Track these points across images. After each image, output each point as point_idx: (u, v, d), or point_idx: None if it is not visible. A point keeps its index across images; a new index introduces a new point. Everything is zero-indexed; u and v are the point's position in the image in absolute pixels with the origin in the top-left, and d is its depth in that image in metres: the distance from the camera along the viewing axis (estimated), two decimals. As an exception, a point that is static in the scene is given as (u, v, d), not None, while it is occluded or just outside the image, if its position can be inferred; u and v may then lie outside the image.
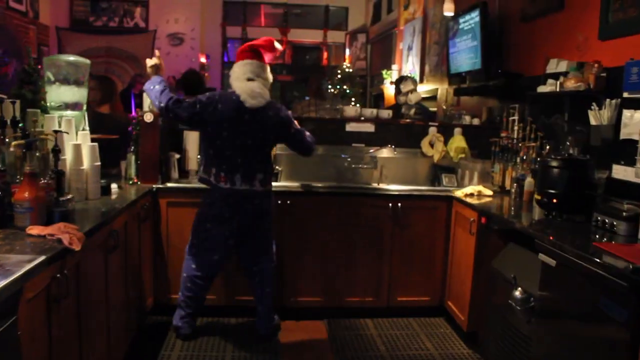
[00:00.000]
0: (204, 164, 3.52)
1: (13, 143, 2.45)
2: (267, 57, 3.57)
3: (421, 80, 7.53)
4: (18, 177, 2.49)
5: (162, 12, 11.16)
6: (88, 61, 3.45)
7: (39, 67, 3.27)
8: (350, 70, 9.75)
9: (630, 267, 2.15)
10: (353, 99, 8.60)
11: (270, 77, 3.54)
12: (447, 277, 4.12)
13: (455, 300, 3.98)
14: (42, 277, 1.88)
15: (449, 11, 5.77)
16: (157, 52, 3.66)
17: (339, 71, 9.37)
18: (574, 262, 2.47)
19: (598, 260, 2.31)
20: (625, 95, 2.90)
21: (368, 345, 3.71)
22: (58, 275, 2.02)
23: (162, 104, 3.37)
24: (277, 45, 3.66)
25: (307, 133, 3.68)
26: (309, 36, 12.37)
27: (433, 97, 6.99)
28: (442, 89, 6.67)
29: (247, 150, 3.41)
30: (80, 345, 2.34)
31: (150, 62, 3.55)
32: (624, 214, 2.83)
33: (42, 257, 1.87)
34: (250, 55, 3.48)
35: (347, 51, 11.92)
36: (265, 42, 3.58)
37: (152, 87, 3.45)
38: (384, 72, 8.68)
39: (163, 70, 3.59)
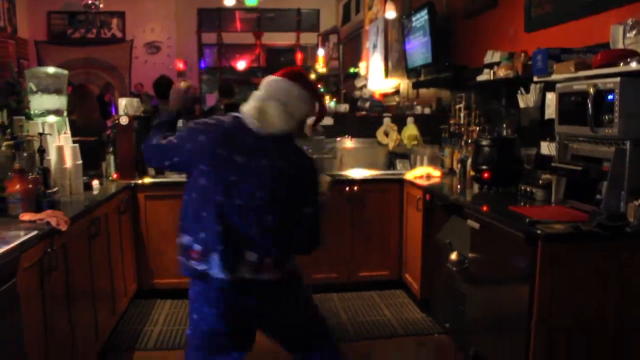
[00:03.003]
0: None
1: (4, 144, 2.84)
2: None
3: (385, 76, 7.95)
4: (9, 173, 2.87)
5: (138, 22, 11.51)
6: (66, 72, 3.84)
7: (21, 79, 3.65)
8: (324, 70, 10.17)
9: (527, 220, 2.58)
10: (327, 97, 9.02)
11: (303, 110, 2.30)
12: (402, 252, 4.55)
13: (410, 272, 4.41)
14: (35, 250, 2.28)
15: (390, 14, 6.22)
16: (183, 83, 2.64)
17: (312, 72, 9.79)
18: (491, 223, 2.91)
19: (506, 219, 2.75)
20: (535, 79, 3.33)
21: (331, 314, 4.12)
22: (49, 250, 2.42)
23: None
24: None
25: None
26: (282, 39, 12.76)
27: (397, 92, 7.42)
28: (404, 83, 7.10)
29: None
30: (69, 313, 2.73)
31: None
32: (540, 182, 3.28)
33: (35, 232, 2.27)
34: (289, 76, 2.33)
35: (321, 51, 12.33)
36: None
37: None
38: (351, 69, 9.10)
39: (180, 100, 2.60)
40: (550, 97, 3.60)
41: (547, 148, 3.65)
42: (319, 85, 9.59)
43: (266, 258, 2.20)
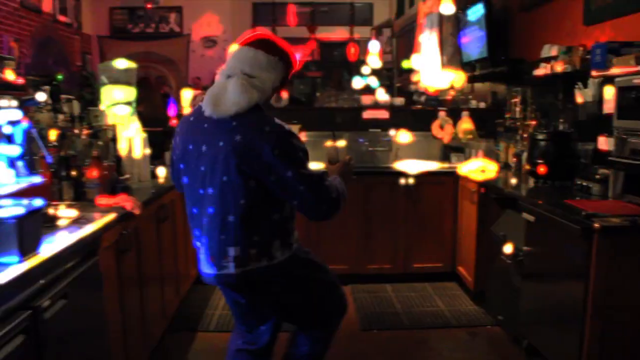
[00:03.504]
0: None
1: (84, 132, 3.04)
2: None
3: (440, 70, 7.94)
4: (87, 160, 3.07)
5: (195, 16, 11.79)
6: (135, 65, 4.04)
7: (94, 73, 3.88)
8: (379, 64, 10.19)
9: (583, 213, 2.60)
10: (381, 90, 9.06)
11: (271, 79, 2.17)
12: (456, 244, 4.60)
13: (463, 264, 4.45)
14: (113, 231, 2.46)
15: (446, 7, 6.19)
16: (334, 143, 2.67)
17: (365, 66, 9.83)
18: (546, 215, 2.94)
19: (562, 212, 2.78)
20: (593, 73, 3.32)
21: (386, 304, 4.22)
22: (124, 232, 2.60)
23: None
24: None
25: (332, 184, 2.25)
26: (336, 32, 12.84)
27: (452, 86, 7.41)
28: (458, 77, 7.09)
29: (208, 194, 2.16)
30: (141, 293, 2.92)
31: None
32: (597, 176, 3.28)
33: (114, 214, 2.46)
34: (254, 43, 2.18)
35: (375, 45, 12.33)
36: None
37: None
38: (404, 63, 9.11)
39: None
40: (609, 92, 3.58)
41: (604, 143, 3.63)
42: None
43: (250, 249, 2.13)
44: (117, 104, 3.87)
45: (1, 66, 2.22)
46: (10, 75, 2.22)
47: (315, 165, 2.29)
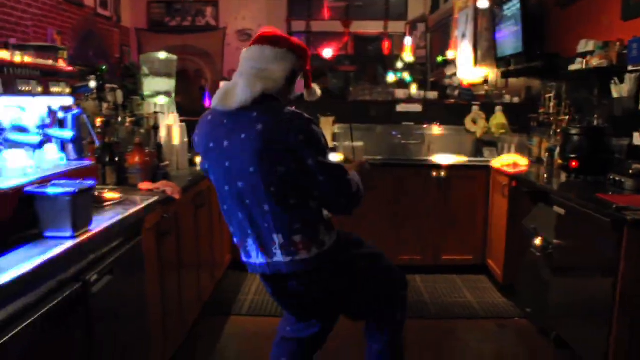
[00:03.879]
0: None
1: (128, 120, 3.17)
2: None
3: (474, 65, 7.93)
4: (129, 147, 3.20)
5: (231, 10, 11.94)
6: (175, 57, 4.17)
7: (138, 64, 4.02)
8: (412, 59, 10.23)
9: (614, 206, 2.62)
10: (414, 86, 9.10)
11: (281, 68, 2.18)
12: (487, 237, 4.63)
13: (493, 257, 4.49)
14: (155, 214, 2.58)
15: (482, 2, 6.21)
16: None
17: (399, 60, 9.89)
18: (577, 209, 2.97)
19: (593, 205, 2.80)
20: (630, 68, 3.32)
21: (414, 294, 4.28)
22: (165, 215, 2.72)
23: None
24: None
25: (352, 179, 2.23)
26: (370, 27, 12.86)
27: (486, 81, 7.40)
28: (493, 72, 7.08)
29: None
30: (179, 275, 3.04)
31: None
32: (631, 172, 3.28)
33: (156, 198, 2.58)
34: (258, 41, 2.23)
35: (409, 40, 12.33)
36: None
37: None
38: (439, 58, 9.11)
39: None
40: (646, 87, 3.57)
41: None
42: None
43: (293, 237, 2.13)
44: (158, 94, 4.02)
45: (55, 56, 2.35)
46: (62, 64, 2.34)
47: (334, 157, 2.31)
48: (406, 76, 9.78)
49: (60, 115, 2.29)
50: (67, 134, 2.24)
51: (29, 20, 5.94)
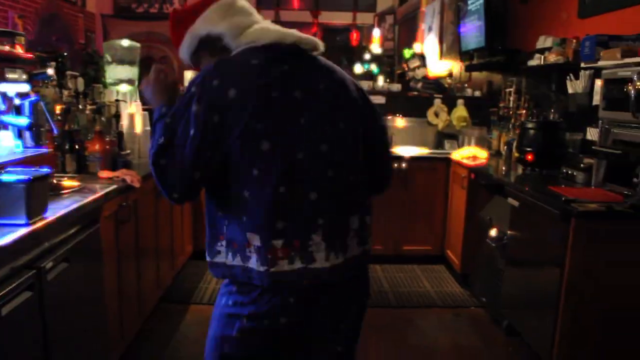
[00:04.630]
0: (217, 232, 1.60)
1: (88, 107, 3.15)
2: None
3: (439, 58, 8.04)
4: (89, 135, 3.19)
5: (200, -2, 11.82)
6: (139, 45, 4.14)
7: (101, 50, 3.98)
8: (380, 51, 10.28)
9: (563, 198, 2.72)
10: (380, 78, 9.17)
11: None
12: (446, 228, 4.74)
13: (451, 247, 4.59)
14: (114, 202, 2.59)
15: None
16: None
17: (366, 52, 9.93)
18: (529, 201, 3.07)
19: (544, 197, 2.90)
20: (582, 65, 3.43)
21: (374, 283, 4.35)
22: (124, 204, 2.72)
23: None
24: None
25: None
26: (339, 18, 12.87)
27: (450, 75, 7.50)
28: (456, 66, 7.18)
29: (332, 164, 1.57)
30: (137, 263, 3.05)
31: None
32: (582, 165, 3.40)
33: (114, 186, 2.58)
34: None
35: (377, 32, 12.39)
36: None
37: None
38: (404, 51, 9.20)
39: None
40: (598, 84, 3.69)
41: (592, 133, 3.75)
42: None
43: (366, 216, 1.71)
44: (121, 82, 3.99)
45: (12, 41, 2.32)
46: (19, 50, 2.32)
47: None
48: (374, 68, 9.85)
49: (17, 102, 2.27)
50: (23, 121, 2.23)
51: (-12, 3, 5.82)
